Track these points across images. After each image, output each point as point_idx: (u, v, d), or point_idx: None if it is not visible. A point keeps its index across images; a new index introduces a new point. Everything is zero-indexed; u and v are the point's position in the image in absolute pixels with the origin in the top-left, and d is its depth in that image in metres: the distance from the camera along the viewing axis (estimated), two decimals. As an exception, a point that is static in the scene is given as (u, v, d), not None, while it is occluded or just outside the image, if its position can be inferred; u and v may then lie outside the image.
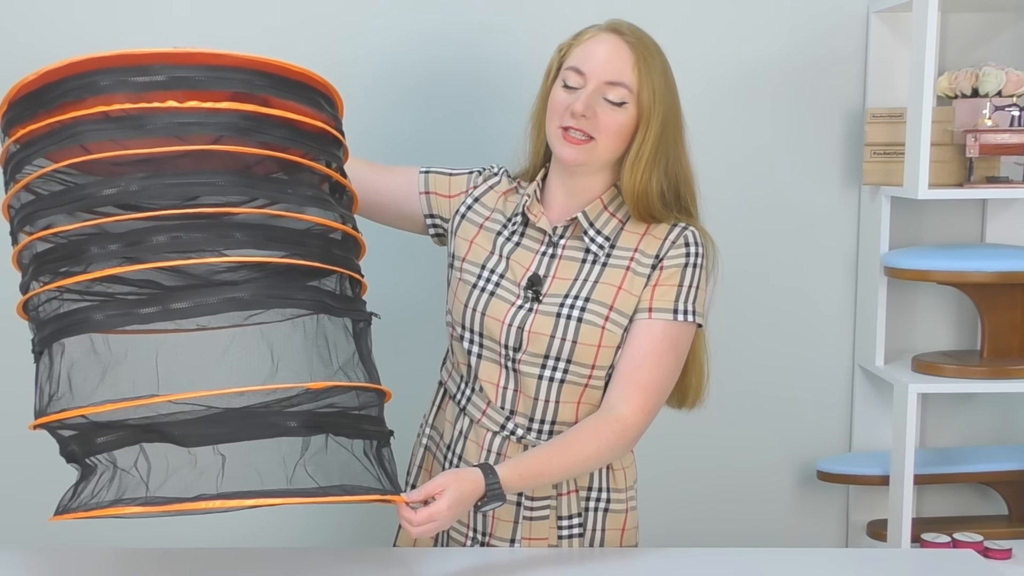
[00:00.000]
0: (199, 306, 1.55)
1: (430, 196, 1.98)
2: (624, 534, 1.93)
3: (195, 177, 1.55)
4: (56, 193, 1.58)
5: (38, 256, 1.60)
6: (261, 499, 1.56)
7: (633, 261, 1.84)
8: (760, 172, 2.67)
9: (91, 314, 1.56)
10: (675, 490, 2.71)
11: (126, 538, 2.35)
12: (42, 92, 1.56)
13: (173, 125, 1.52)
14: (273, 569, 1.78)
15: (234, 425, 1.60)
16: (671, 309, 1.82)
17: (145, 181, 1.53)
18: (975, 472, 2.69)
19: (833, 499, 2.80)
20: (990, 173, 2.55)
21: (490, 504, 1.71)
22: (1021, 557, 2.54)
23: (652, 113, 1.80)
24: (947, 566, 1.86)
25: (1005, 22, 2.69)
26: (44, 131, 1.56)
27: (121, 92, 1.52)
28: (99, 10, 2.53)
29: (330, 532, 2.69)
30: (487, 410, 1.88)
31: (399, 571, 1.79)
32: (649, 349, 1.82)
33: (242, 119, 1.55)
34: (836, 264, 2.74)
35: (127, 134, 1.53)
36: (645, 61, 1.80)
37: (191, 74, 1.53)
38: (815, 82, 2.66)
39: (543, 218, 1.89)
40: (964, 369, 2.55)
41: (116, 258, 1.55)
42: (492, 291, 1.87)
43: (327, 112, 1.68)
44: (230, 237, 1.56)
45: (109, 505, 1.56)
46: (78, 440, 1.62)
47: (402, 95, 2.58)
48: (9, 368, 2.21)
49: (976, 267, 2.51)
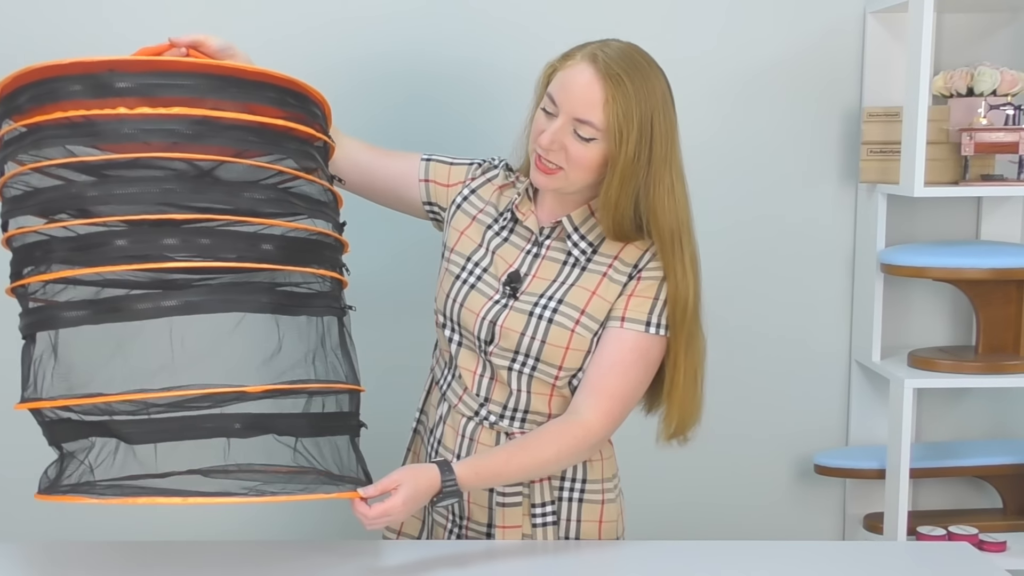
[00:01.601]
0: (157, 308, 1.61)
1: (429, 184, 2.00)
2: (602, 526, 1.93)
3: (149, 185, 1.59)
4: (26, 195, 1.63)
5: (18, 250, 1.67)
6: (205, 497, 1.62)
7: (611, 268, 1.84)
8: (758, 170, 2.67)
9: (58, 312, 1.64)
10: (674, 483, 2.72)
11: (123, 532, 2.38)
12: (13, 96, 1.62)
13: (123, 132, 1.56)
14: (248, 561, 1.80)
15: (176, 424, 1.66)
16: (644, 321, 1.81)
17: (128, 188, 1.59)
18: (970, 466, 2.69)
19: (830, 492, 2.81)
20: (985, 171, 2.55)
21: (445, 500, 1.72)
22: (1015, 549, 2.55)
23: (619, 151, 1.74)
24: (942, 559, 1.86)
25: (1000, 22, 2.69)
26: (14, 134, 1.61)
27: (83, 99, 1.56)
28: (100, 8, 2.55)
29: (315, 525, 2.69)
30: (464, 396, 1.91)
31: (370, 562, 1.81)
32: (618, 358, 1.82)
33: (191, 124, 1.57)
34: (833, 261, 2.74)
35: (82, 140, 1.58)
36: (615, 100, 1.72)
37: (145, 80, 1.57)
38: (813, 81, 2.67)
39: (531, 217, 1.90)
40: (959, 364, 2.55)
41: (75, 262, 1.60)
42: (473, 284, 1.89)
43: (293, 110, 1.70)
44: (188, 241, 1.60)
45: (69, 492, 1.64)
46: (45, 428, 1.71)
47: (396, 94, 2.59)
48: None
49: (971, 264, 2.51)
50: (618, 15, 2.61)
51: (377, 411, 1.97)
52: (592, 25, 2.56)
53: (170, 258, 1.60)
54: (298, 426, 1.73)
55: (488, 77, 2.60)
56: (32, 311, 1.70)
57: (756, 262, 2.70)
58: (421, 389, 2.06)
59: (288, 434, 1.73)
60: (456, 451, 1.91)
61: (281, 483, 1.73)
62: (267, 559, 1.81)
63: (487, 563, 1.81)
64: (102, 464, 1.69)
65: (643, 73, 1.75)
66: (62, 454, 1.71)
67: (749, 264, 2.67)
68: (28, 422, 1.72)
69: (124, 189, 1.58)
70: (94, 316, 1.62)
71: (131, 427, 1.66)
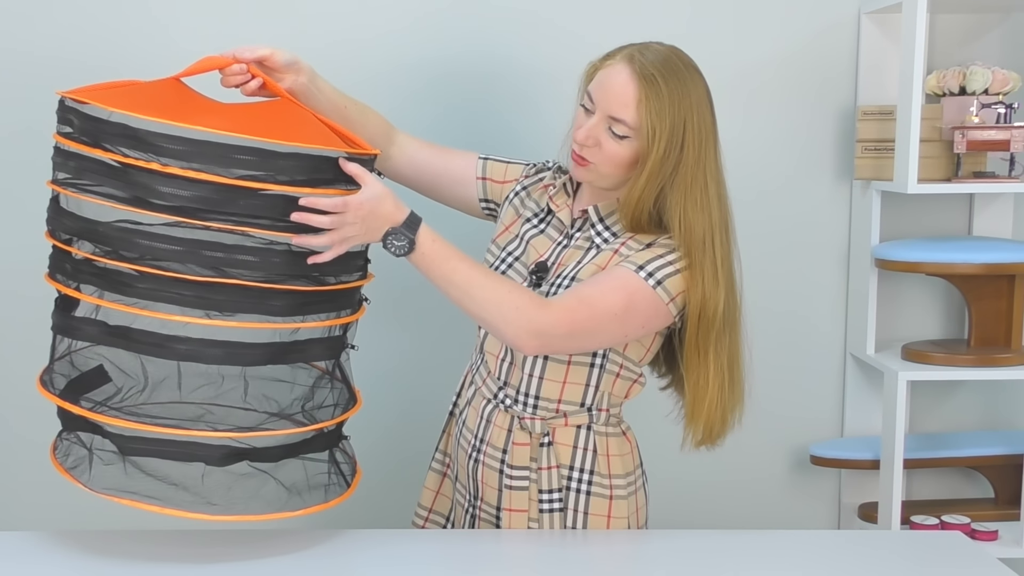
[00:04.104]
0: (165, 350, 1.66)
1: (486, 182, 2.05)
2: (611, 521, 1.92)
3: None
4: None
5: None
6: (198, 514, 1.67)
7: (624, 246, 1.86)
8: (755, 167, 2.68)
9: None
10: (673, 474, 2.70)
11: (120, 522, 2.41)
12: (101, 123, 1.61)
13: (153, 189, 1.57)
14: (249, 548, 1.79)
15: (157, 445, 1.69)
16: (639, 264, 1.80)
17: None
18: (963, 456, 2.70)
19: (826, 483, 2.82)
20: (977, 168, 2.56)
21: (400, 239, 1.71)
22: (1007, 538, 2.57)
23: (650, 150, 1.77)
24: (936, 547, 1.87)
25: (991, 23, 2.70)
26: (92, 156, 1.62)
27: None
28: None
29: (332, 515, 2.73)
30: (487, 379, 1.95)
31: (379, 552, 1.80)
32: (603, 278, 1.80)
33: (213, 191, 1.58)
34: (829, 256, 2.76)
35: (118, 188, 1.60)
36: (648, 100, 1.76)
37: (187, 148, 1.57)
38: (809, 81, 2.68)
39: (565, 210, 1.94)
40: (952, 357, 2.56)
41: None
42: (503, 271, 1.94)
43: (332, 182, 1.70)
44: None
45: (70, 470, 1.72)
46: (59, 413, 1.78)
47: (415, 92, 2.61)
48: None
49: (963, 259, 2.53)
50: (617, 15, 2.63)
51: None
52: (592, 25, 2.62)
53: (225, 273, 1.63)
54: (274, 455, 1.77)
55: (502, 73, 2.63)
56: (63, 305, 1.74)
57: (754, 257, 2.67)
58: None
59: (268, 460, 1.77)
60: (476, 432, 1.95)
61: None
62: (269, 547, 1.80)
63: (494, 550, 1.82)
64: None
65: (679, 77, 1.79)
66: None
67: (747, 258, 2.64)
68: (28, 424, 1.76)
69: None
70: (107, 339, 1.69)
71: (121, 440, 1.70)
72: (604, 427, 1.93)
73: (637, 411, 1.97)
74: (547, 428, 1.90)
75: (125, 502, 1.66)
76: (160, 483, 1.70)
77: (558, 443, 1.91)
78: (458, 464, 2.02)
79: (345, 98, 1.95)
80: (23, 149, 2.54)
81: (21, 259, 2.56)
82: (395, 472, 2.67)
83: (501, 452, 1.92)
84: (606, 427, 1.93)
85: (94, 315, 1.69)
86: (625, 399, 1.96)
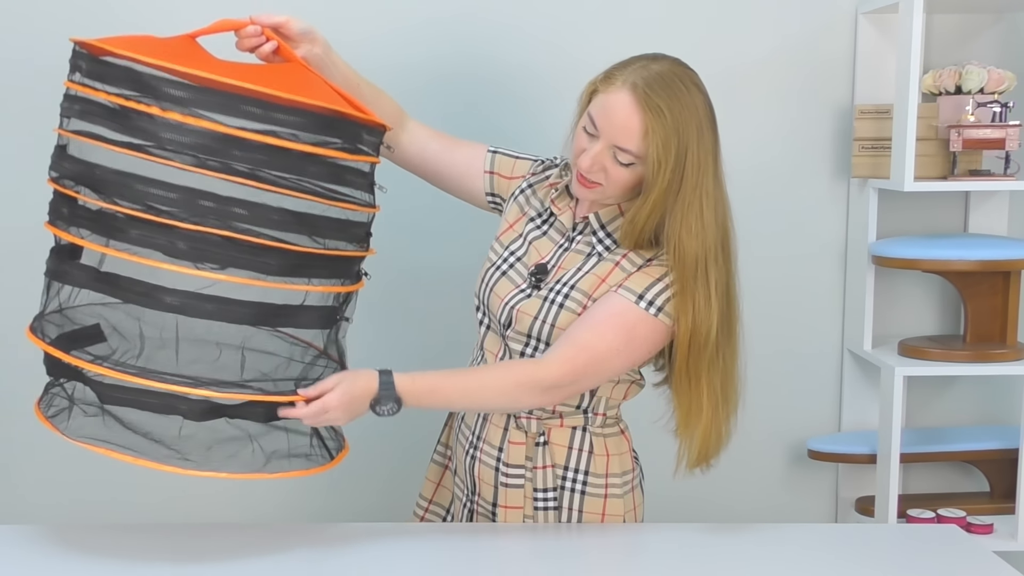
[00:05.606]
0: (157, 302, 1.62)
1: (494, 176, 2.04)
2: (605, 520, 1.92)
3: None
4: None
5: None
6: (181, 469, 1.64)
7: (625, 259, 1.85)
8: (753, 165, 2.68)
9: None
10: (670, 468, 2.74)
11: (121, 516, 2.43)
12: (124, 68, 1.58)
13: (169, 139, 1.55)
14: (249, 542, 1.79)
15: (136, 394, 1.65)
16: (638, 293, 1.78)
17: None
18: (958, 451, 2.71)
19: (823, 477, 2.83)
20: (972, 166, 2.57)
21: (384, 405, 1.72)
22: (1002, 531, 2.59)
23: (656, 179, 1.75)
24: (932, 540, 1.88)
25: (987, 23, 2.71)
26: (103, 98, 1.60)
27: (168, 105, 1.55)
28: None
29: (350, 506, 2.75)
30: None
31: (375, 545, 1.80)
32: (599, 317, 1.79)
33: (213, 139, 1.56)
34: (826, 253, 2.76)
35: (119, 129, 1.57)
36: (654, 131, 1.73)
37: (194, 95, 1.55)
38: (806, 80, 2.69)
39: (567, 212, 1.92)
40: (948, 353, 2.57)
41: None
42: (505, 271, 1.93)
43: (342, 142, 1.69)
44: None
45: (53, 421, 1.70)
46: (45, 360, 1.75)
47: (413, 92, 2.59)
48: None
49: (959, 256, 2.54)
50: (615, 15, 2.64)
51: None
52: (589, 25, 2.63)
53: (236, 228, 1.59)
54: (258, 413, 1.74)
55: (499, 74, 2.64)
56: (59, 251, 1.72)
57: (752, 254, 2.68)
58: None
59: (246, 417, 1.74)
60: (474, 429, 1.96)
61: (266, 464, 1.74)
62: (266, 542, 1.80)
63: (491, 542, 1.83)
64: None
65: (681, 101, 1.75)
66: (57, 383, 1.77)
67: (745, 256, 2.65)
68: (28, 424, 1.74)
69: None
70: (99, 286, 1.66)
71: (102, 388, 1.68)
72: (600, 428, 1.93)
73: (634, 406, 1.98)
74: (543, 428, 1.91)
75: (100, 451, 1.63)
76: (138, 436, 1.67)
77: (553, 443, 1.91)
78: (457, 459, 2.03)
79: (359, 77, 1.94)
80: (23, 149, 2.54)
81: (22, 258, 2.56)
82: (398, 463, 2.68)
83: (497, 450, 1.93)
84: (602, 428, 1.93)
85: (87, 262, 1.67)
86: (623, 400, 1.96)
